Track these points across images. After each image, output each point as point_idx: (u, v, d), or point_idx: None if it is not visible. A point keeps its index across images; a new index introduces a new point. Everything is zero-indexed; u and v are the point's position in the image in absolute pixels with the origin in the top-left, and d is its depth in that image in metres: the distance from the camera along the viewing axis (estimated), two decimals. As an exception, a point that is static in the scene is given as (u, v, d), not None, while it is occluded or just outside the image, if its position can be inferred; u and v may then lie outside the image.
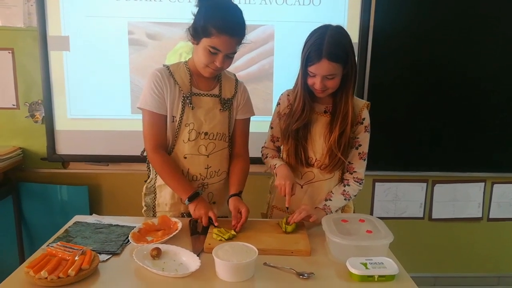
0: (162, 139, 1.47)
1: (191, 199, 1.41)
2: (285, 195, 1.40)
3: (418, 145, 2.45)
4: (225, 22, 1.31)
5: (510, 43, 2.34)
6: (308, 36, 1.40)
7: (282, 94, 1.59)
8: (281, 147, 1.61)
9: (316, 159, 1.51)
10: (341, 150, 1.45)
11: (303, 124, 1.47)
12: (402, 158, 2.47)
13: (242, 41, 1.39)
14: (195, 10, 1.38)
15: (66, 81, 2.28)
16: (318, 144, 1.49)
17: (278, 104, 1.59)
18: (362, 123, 1.49)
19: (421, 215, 2.59)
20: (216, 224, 1.36)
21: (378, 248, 1.21)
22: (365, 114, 1.50)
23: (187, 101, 1.43)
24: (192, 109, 1.44)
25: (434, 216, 2.59)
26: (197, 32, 1.35)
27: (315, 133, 1.49)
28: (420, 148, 2.45)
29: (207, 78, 1.46)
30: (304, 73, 1.41)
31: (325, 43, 1.32)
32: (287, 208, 1.41)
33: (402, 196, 2.55)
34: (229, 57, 1.39)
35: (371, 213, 2.53)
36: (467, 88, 2.38)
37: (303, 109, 1.45)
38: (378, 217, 1.37)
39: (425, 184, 2.55)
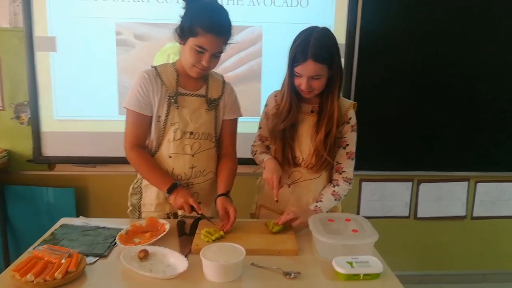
0: (142, 139, 1.48)
1: (170, 190, 1.41)
2: (273, 189, 1.42)
3: (404, 145, 2.48)
4: (211, 22, 1.33)
5: (497, 42, 2.38)
6: (295, 38, 1.42)
7: (269, 95, 1.61)
8: (270, 146, 1.62)
9: (303, 158, 1.52)
10: (327, 150, 1.47)
11: (290, 124, 1.49)
12: (388, 158, 2.51)
13: (229, 41, 1.41)
14: (183, 12, 1.39)
15: (52, 82, 2.26)
16: (305, 144, 1.51)
17: (266, 105, 1.61)
18: (348, 123, 1.51)
19: (407, 214, 2.62)
20: (200, 212, 1.36)
21: (363, 247, 1.22)
22: (352, 113, 1.52)
23: (172, 100, 1.44)
24: (177, 108, 1.45)
25: (419, 215, 2.63)
26: (184, 32, 1.37)
27: (302, 133, 1.51)
28: (405, 148, 2.49)
29: (194, 79, 1.47)
30: (291, 73, 1.43)
31: (311, 45, 1.35)
32: (277, 201, 1.42)
33: (388, 195, 2.59)
34: (215, 57, 1.40)
35: (358, 213, 2.56)
36: (452, 88, 2.43)
37: (290, 109, 1.47)
38: (365, 217, 1.39)
39: (410, 183, 2.58)
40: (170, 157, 1.48)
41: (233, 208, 1.39)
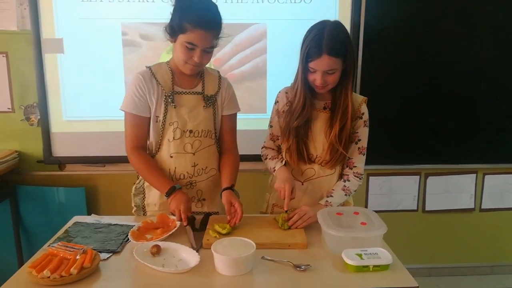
0: (142, 140, 1.49)
1: (168, 193, 1.41)
2: (284, 199, 1.42)
3: (411, 139, 2.48)
4: (198, 17, 1.34)
5: (498, 36, 2.37)
6: (307, 32, 1.41)
7: (280, 92, 1.60)
8: (281, 146, 1.60)
9: (317, 155, 1.52)
10: (342, 144, 1.47)
11: (304, 121, 1.48)
12: (395, 152, 2.50)
13: (220, 36, 1.42)
14: (172, 9, 1.40)
15: (61, 83, 2.28)
16: (319, 140, 1.51)
17: (277, 102, 1.60)
18: (361, 118, 1.51)
19: (415, 208, 2.62)
20: (185, 224, 1.35)
21: (372, 239, 1.23)
22: (364, 109, 1.52)
23: (169, 99, 1.45)
24: (175, 107, 1.46)
25: (427, 208, 2.62)
26: (173, 29, 1.38)
27: (316, 130, 1.51)
28: (412, 142, 2.48)
29: (189, 76, 1.48)
30: (304, 69, 1.42)
31: (325, 38, 1.35)
32: (286, 211, 1.41)
33: (396, 189, 2.59)
34: (207, 52, 1.40)
35: (366, 207, 2.56)
36: (458, 82, 2.42)
37: (304, 106, 1.46)
38: (373, 211, 1.39)
39: (418, 177, 2.58)
40: (171, 156, 1.48)
41: (238, 203, 1.39)
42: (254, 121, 2.25)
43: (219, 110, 1.55)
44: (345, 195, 1.52)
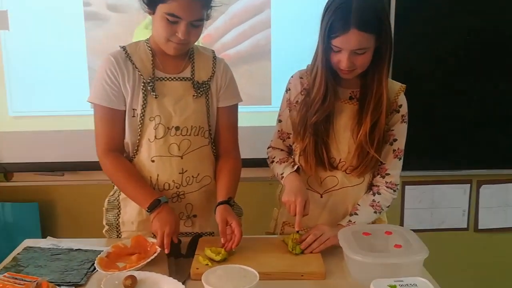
0: (117, 140, 1.50)
1: (151, 208, 1.41)
2: (295, 215, 1.41)
3: (458, 137, 2.48)
4: None
5: None
6: (329, 1, 1.41)
7: (292, 77, 1.60)
8: (293, 146, 1.60)
9: (340, 159, 1.52)
10: (374, 146, 1.46)
11: (325, 116, 1.47)
12: (438, 154, 2.51)
13: (211, 5, 1.42)
14: None
15: (5, 68, 2.30)
16: (344, 140, 1.50)
17: (288, 90, 1.60)
18: (398, 111, 1.51)
19: (465, 225, 2.63)
20: (166, 251, 1.35)
21: (409, 266, 1.23)
22: (402, 99, 1.52)
23: (149, 88, 1.46)
24: (156, 98, 1.46)
25: (481, 226, 2.63)
26: None
27: (340, 127, 1.50)
28: (460, 141, 2.49)
29: (174, 58, 1.49)
30: (326, 48, 1.41)
31: (353, 9, 1.33)
32: (298, 231, 1.41)
33: (440, 202, 2.60)
34: (194, 26, 1.40)
35: (401, 225, 2.57)
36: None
37: (325, 96, 1.45)
38: (410, 230, 1.39)
39: (468, 185, 2.59)
40: (152, 161, 1.49)
41: (236, 221, 1.39)
42: (256, 116, 2.26)
43: (214, 101, 1.55)
44: (374, 212, 1.52)
